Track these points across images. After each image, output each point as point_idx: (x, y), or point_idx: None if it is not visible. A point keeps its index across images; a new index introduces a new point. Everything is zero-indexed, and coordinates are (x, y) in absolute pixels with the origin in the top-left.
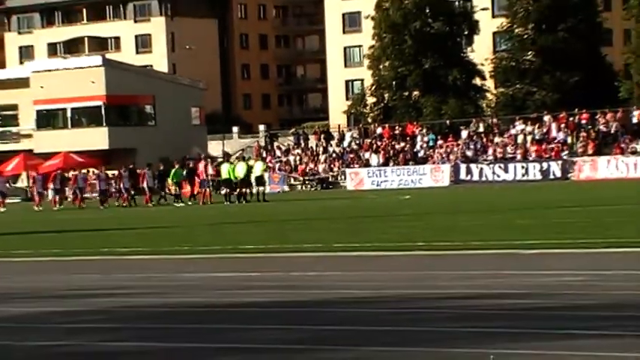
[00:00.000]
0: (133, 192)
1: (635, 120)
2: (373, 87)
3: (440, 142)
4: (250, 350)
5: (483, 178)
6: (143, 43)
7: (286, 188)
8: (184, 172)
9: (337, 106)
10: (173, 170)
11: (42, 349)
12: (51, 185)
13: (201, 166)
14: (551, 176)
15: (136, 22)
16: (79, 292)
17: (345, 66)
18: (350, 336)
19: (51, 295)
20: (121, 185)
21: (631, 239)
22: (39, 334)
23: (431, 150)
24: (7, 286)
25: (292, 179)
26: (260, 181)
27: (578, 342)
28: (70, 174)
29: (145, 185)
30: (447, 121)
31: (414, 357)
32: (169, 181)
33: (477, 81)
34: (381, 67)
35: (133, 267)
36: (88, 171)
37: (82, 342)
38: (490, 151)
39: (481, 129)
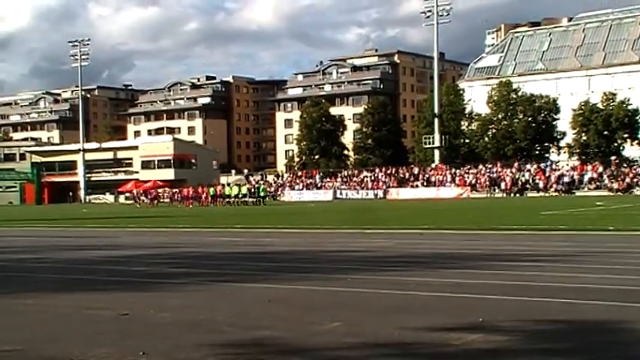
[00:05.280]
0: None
1: (415, 172)
2: (298, 153)
3: (327, 179)
4: (235, 274)
5: (348, 197)
6: (191, 130)
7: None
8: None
9: (281, 162)
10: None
11: (137, 271)
12: (147, 195)
13: (219, 188)
14: (379, 197)
15: (188, 120)
16: (157, 245)
17: (285, 143)
18: (285, 268)
19: (144, 246)
20: (203, 195)
21: (420, 225)
22: (135, 264)
23: (324, 182)
24: (122, 241)
25: None
26: (245, 195)
27: (390, 272)
28: (156, 190)
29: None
30: (331, 170)
31: (310, 278)
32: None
33: (345, 152)
34: (302, 144)
35: (185, 234)
36: (165, 189)
37: (155, 268)
38: (351, 184)
39: (346, 174)
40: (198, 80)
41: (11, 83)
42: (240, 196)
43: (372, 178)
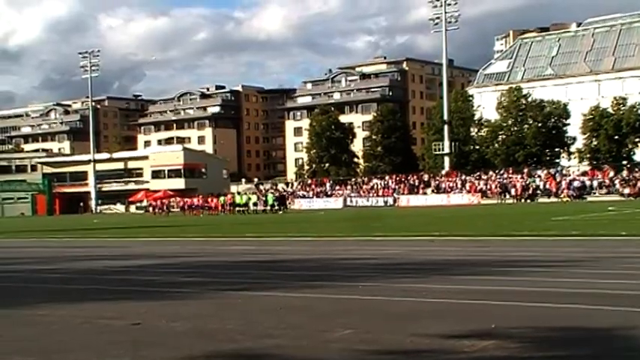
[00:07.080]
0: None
1: (425, 179)
2: (307, 162)
3: (337, 187)
4: (246, 282)
5: (358, 204)
6: (201, 139)
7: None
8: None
9: (291, 170)
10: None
11: (149, 280)
12: (157, 204)
13: (229, 196)
14: (389, 204)
15: (198, 130)
16: (168, 255)
17: (295, 151)
18: (296, 276)
19: (155, 256)
20: (212, 204)
21: (430, 232)
22: (146, 273)
23: (334, 190)
24: (133, 251)
25: None
26: (255, 204)
27: (401, 279)
28: (169, 200)
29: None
30: (341, 177)
31: (321, 286)
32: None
33: (355, 160)
34: (311, 152)
35: (196, 243)
36: (175, 198)
37: (166, 277)
38: (361, 192)
39: (356, 181)
40: (208, 90)
41: (22, 95)
42: (250, 204)
43: (382, 185)
